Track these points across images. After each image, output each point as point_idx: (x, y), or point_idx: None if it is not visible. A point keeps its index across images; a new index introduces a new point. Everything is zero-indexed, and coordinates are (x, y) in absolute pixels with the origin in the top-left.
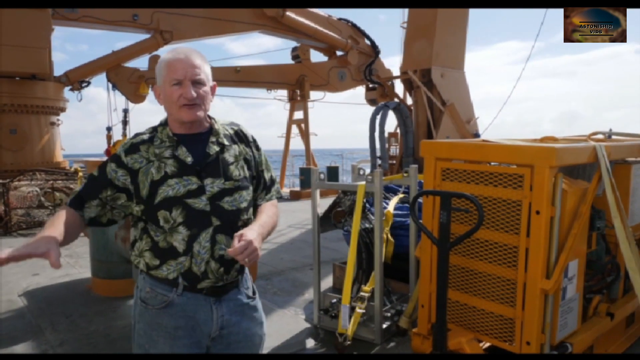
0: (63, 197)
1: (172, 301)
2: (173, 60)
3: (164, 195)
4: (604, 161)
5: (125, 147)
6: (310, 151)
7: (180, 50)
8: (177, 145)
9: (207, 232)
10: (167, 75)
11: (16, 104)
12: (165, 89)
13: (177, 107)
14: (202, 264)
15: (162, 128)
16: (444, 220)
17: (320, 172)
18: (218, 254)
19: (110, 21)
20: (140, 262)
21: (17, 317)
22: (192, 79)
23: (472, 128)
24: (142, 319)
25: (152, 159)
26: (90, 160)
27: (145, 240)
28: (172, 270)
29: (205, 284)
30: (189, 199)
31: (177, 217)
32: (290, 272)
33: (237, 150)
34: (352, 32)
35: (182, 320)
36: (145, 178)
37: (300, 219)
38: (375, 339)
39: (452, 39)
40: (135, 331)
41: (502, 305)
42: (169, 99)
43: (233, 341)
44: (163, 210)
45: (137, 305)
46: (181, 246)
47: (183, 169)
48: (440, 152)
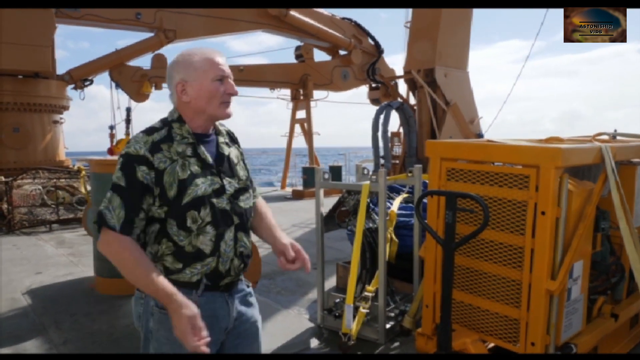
0: (66, 195)
1: (195, 302)
2: (214, 58)
3: (193, 195)
4: (610, 162)
5: (148, 145)
6: (313, 150)
7: (211, 50)
8: (197, 143)
9: (231, 230)
10: (210, 71)
11: (19, 102)
12: (205, 84)
13: (219, 103)
14: (228, 262)
15: (178, 125)
16: (449, 220)
17: (325, 171)
18: (239, 251)
19: (113, 20)
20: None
21: (20, 316)
22: (230, 76)
23: (476, 128)
24: (163, 326)
25: (175, 157)
26: (93, 159)
27: (165, 244)
28: (196, 273)
29: (225, 281)
30: (214, 199)
31: (205, 216)
32: (294, 272)
33: (236, 152)
34: (356, 32)
35: (204, 320)
36: (173, 178)
37: (303, 219)
38: (379, 339)
39: (455, 39)
40: (153, 341)
41: (507, 306)
42: (210, 95)
43: (242, 330)
44: (192, 210)
45: (150, 314)
46: (208, 247)
47: (206, 168)
48: (446, 152)
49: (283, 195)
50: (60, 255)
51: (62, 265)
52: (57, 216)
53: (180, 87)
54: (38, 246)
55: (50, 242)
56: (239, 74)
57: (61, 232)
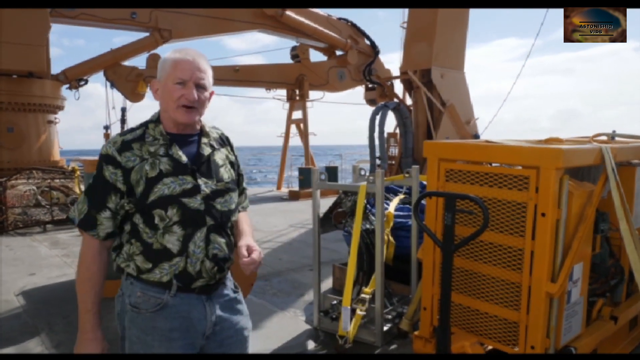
0: (60, 195)
1: (166, 303)
2: (181, 60)
3: (160, 194)
4: (610, 163)
5: (117, 145)
6: (310, 151)
7: (188, 51)
8: (170, 144)
9: (202, 231)
10: (172, 73)
11: (13, 102)
12: (167, 85)
13: (175, 107)
14: (197, 264)
15: (153, 125)
16: (448, 222)
17: (321, 172)
18: (212, 253)
19: (109, 19)
20: (129, 267)
21: (13, 318)
22: (197, 82)
23: (472, 129)
24: (135, 324)
25: (145, 156)
26: (88, 159)
27: (135, 244)
28: (165, 273)
29: (199, 284)
30: (184, 198)
31: (172, 215)
32: (290, 273)
33: (224, 154)
34: (352, 32)
35: (177, 321)
36: (139, 176)
37: (299, 219)
38: (376, 342)
39: (452, 40)
40: (126, 340)
41: (507, 309)
42: (168, 97)
43: (225, 337)
44: (159, 209)
45: (125, 312)
46: (175, 247)
47: (178, 168)
48: (444, 152)
49: (279, 196)
50: (54, 256)
51: (56, 267)
52: (51, 217)
53: (155, 86)
54: (32, 247)
55: (45, 243)
56: (235, 74)
57: (55, 232)
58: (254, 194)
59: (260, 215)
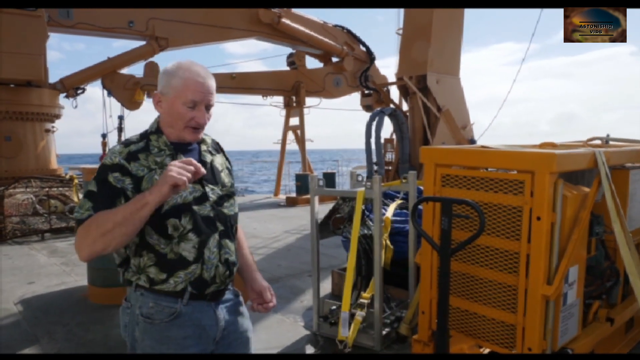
0: (58, 204)
1: (180, 311)
2: (192, 81)
3: (173, 203)
4: (604, 167)
5: (123, 155)
6: (307, 157)
7: (198, 70)
8: (175, 153)
9: (214, 237)
10: (183, 94)
11: (11, 111)
12: (176, 104)
13: (183, 127)
14: (212, 269)
15: (156, 136)
16: (445, 226)
17: (319, 178)
18: (224, 258)
19: (106, 28)
20: (140, 279)
21: (12, 326)
22: (207, 104)
23: (468, 134)
24: (149, 335)
25: (153, 167)
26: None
27: (146, 255)
28: (180, 282)
29: (211, 289)
30: (195, 206)
31: (186, 224)
32: (288, 279)
33: (221, 160)
34: (347, 39)
35: (190, 329)
36: (151, 185)
37: (296, 225)
38: (375, 346)
39: (447, 45)
40: (138, 351)
41: (504, 312)
42: (177, 116)
43: (232, 340)
44: (172, 218)
45: (135, 323)
46: (191, 254)
47: None
48: (440, 158)
49: (277, 202)
50: (52, 265)
51: (55, 275)
52: (49, 225)
53: (157, 98)
54: (30, 255)
55: (43, 252)
56: (231, 81)
57: (54, 241)
58: (251, 201)
59: (258, 222)
